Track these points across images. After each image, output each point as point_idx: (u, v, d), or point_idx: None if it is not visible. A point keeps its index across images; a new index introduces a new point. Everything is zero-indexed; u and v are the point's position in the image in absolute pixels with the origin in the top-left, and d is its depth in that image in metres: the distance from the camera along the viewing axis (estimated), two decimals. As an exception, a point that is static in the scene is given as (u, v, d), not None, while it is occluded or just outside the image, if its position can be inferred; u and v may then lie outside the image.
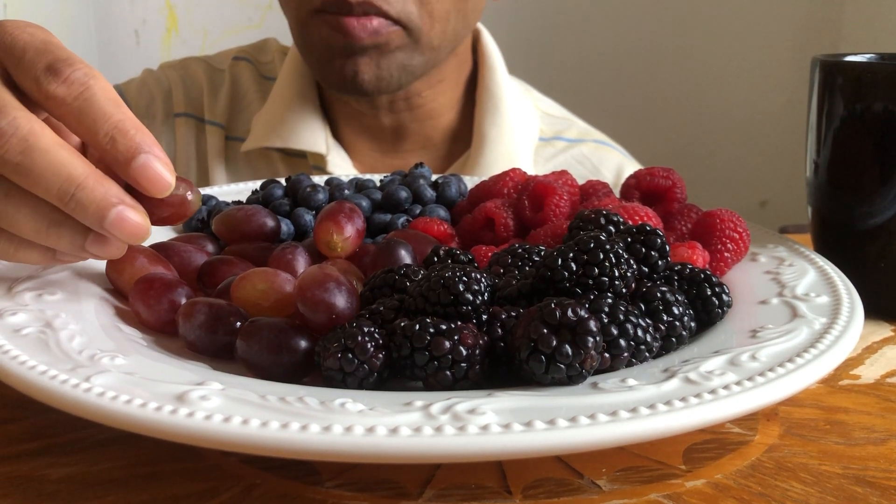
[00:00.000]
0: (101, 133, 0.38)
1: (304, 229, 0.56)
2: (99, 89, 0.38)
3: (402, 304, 0.39)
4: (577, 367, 0.33)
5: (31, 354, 0.34)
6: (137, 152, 0.38)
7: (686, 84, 2.01)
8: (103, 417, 0.31)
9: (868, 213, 0.51)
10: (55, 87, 0.38)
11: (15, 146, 0.37)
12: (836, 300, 0.42)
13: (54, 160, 0.37)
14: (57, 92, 0.38)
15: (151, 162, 0.38)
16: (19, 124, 0.37)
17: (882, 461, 0.36)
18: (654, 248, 0.42)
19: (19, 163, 0.37)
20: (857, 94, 0.51)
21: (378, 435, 0.29)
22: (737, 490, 0.34)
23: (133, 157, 0.38)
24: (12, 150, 0.37)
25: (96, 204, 0.37)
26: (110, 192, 0.38)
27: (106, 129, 0.38)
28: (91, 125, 0.38)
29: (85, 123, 0.38)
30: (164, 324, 0.42)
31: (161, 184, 0.39)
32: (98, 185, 0.37)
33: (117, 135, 0.38)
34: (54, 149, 0.37)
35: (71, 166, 0.37)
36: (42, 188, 0.37)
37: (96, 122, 0.38)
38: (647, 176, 0.55)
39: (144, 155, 0.38)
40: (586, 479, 0.35)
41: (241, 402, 0.31)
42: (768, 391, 0.33)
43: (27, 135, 0.37)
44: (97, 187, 0.37)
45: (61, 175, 0.37)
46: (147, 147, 0.38)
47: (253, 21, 1.96)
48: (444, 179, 0.61)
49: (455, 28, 0.79)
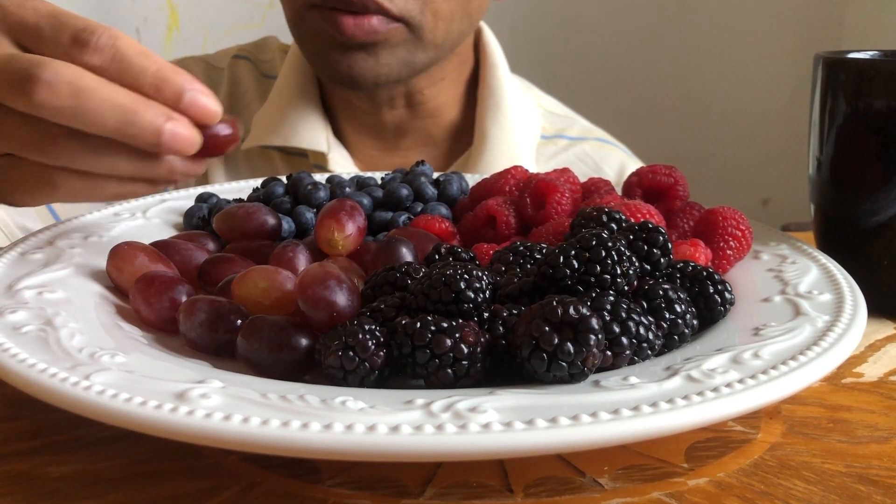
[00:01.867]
0: (145, 85, 0.41)
1: (306, 227, 0.56)
2: (127, 46, 0.41)
3: (404, 302, 0.39)
4: (579, 365, 0.33)
5: (31, 352, 0.34)
6: (182, 91, 0.42)
7: (688, 82, 2.01)
8: (103, 416, 0.30)
9: (871, 210, 0.51)
10: (89, 58, 0.40)
11: (65, 92, 0.39)
12: (839, 298, 0.42)
13: (103, 95, 0.40)
14: (92, 61, 0.40)
15: (197, 96, 0.42)
16: (61, 72, 0.39)
17: (885, 459, 0.36)
18: (657, 245, 0.41)
19: (73, 106, 0.39)
20: (859, 91, 0.50)
21: (379, 433, 0.29)
22: (739, 488, 0.34)
23: (180, 96, 0.42)
24: (64, 97, 0.39)
25: (151, 125, 0.41)
26: (159, 112, 0.41)
27: (149, 80, 0.41)
28: (134, 81, 0.41)
29: (128, 81, 0.41)
30: (165, 322, 0.42)
31: (210, 111, 0.43)
32: (147, 108, 0.41)
33: (160, 83, 0.41)
34: (99, 86, 0.40)
35: (119, 97, 0.40)
36: (100, 124, 0.40)
37: (138, 78, 0.41)
38: (649, 173, 0.54)
39: (189, 92, 0.42)
40: (588, 477, 0.34)
41: (241, 401, 0.31)
42: (771, 389, 0.33)
43: (72, 79, 0.39)
44: (148, 111, 0.41)
45: (114, 107, 0.40)
46: (189, 84, 0.42)
47: (254, 19, 1.96)
48: (446, 177, 0.61)
49: (459, 27, 0.79)
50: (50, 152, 0.42)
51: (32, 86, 0.39)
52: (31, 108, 0.40)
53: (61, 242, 0.49)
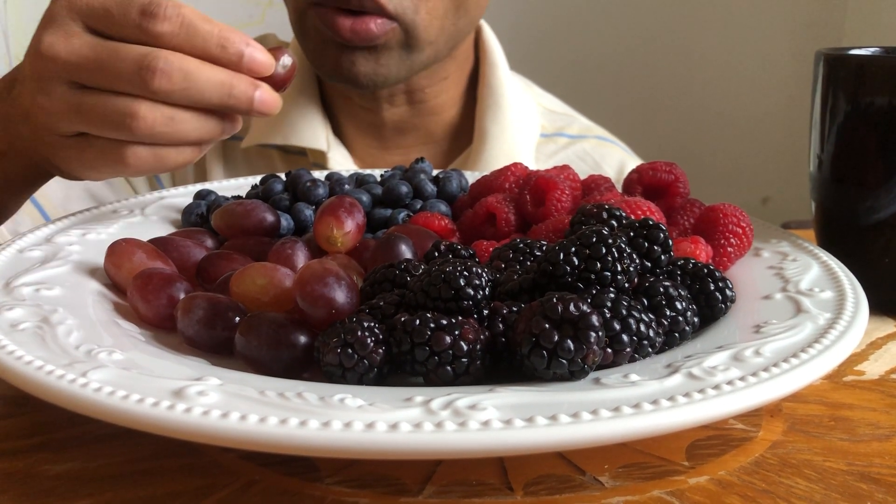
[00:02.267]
0: (212, 47, 0.47)
1: (304, 224, 0.56)
2: (190, 13, 0.47)
3: (403, 299, 0.38)
4: (579, 362, 0.33)
5: (28, 350, 0.34)
6: (242, 51, 0.48)
7: (688, 80, 2.00)
8: (100, 413, 0.30)
9: (872, 208, 0.51)
10: (160, 26, 0.46)
11: (177, 77, 0.46)
12: (841, 295, 0.42)
13: (207, 75, 0.47)
14: (164, 29, 0.46)
15: (254, 53, 0.48)
16: (171, 59, 0.46)
17: (887, 457, 0.36)
18: (657, 242, 0.41)
19: (185, 88, 0.46)
20: (861, 87, 0.50)
21: (378, 431, 0.29)
22: (740, 487, 0.33)
23: (241, 56, 0.48)
24: (177, 80, 0.46)
25: (245, 95, 0.48)
26: (249, 83, 0.48)
27: (214, 42, 0.47)
28: (202, 45, 0.47)
29: (196, 45, 0.47)
30: (163, 319, 0.41)
31: (265, 65, 0.49)
32: (239, 81, 0.48)
33: (224, 43, 0.47)
34: (200, 67, 0.47)
35: (218, 75, 0.47)
36: (206, 100, 0.47)
37: (206, 41, 0.47)
38: (649, 170, 0.54)
39: (248, 49, 0.48)
40: (588, 475, 0.34)
41: (239, 398, 0.31)
42: (772, 387, 0.32)
43: (181, 65, 0.46)
44: (240, 83, 0.48)
45: (216, 84, 0.47)
46: (245, 43, 0.48)
47: (253, 17, 1.96)
48: (445, 174, 0.61)
49: (456, 24, 0.79)
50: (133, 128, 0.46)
51: (151, 74, 0.45)
52: (150, 94, 0.46)
53: (59, 239, 0.49)
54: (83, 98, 0.47)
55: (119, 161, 0.48)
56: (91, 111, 0.47)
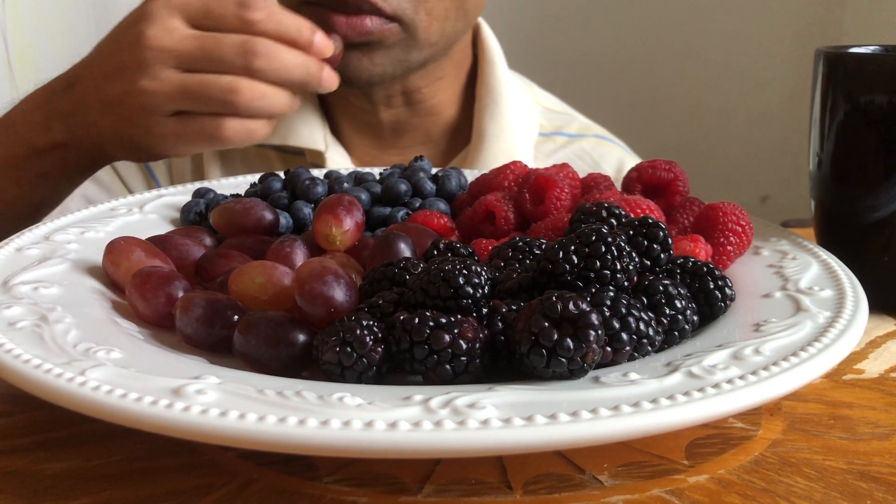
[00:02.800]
0: (292, 31, 0.60)
1: (303, 222, 0.56)
2: (275, 5, 0.59)
3: (402, 298, 0.38)
4: (579, 361, 0.33)
5: (25, 348, 0.34)
6: (312, 37, 0.61)
7: (687, 79, 2.00)
8: (98, 412, 0.30)
9: (872, 206, 0.51)
10: (254, 14, 0.58)
11: (273, 57, 0.58)
12: (840, 294, 0.42)
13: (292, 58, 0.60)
14: (258, 17, 0.58)
15: (321, 38, 0.62)
16: (267, 44, 0.58)
17: (886, 456, 0.36)
18: (657, 241, 0.41)
19: (277, 68, 0.59)
20: (860, 86, 0.50)
21: (377, 429, 0.29)
22: (740, 485, 0.33)
23: (311, 41, 0.61)
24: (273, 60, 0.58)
25: (318, 72, 0.62)
26: (316, 63, 0.62)
27: (294, 29, 0.60)
28: (286, 31, 0.60)
29: (285, 32, 0.60)
30: (161, 317, 0.41)
31: (328, 48, 0.63)
32: (312, 61, 0.61)
33: (301, 30, 0.60)
34: (286, 50, 0.59)
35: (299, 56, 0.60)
36: (291, 78, 0.60)
37: (288, 28, 0.60)
38: (648, 169, 0.54)
39: (316, 36, 0.62)
40: (588, 474, 0.34)
41: (238, 397, 0.31)
42: (772, 386, 0.32)
43: (274, 48, 0.58)
44: (313, 63, 0.61)
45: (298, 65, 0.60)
46: (313, 31, 0.61)
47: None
48: (444, 172, 0.61)
49: (455, 25, 0.78)
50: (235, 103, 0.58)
51: (252, 56, 0.57)
52: (250, 73, 0.57)
53: (57, 238, 0.49)
54: (188, 79, 0.57)
55: (216, 134, 0.59)
56: (197, 90, 0.57)
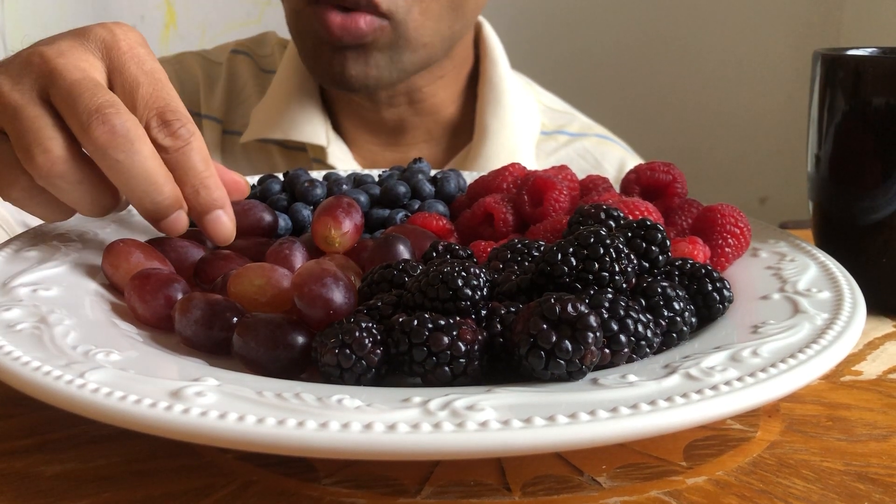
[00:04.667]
0: (189, 184, 0.45)
1: (302, 224, 0.56)
2: (196, 146, 0.45)
3: (401, 300, 0.38)
4: (577, 362, 0.33)
5: (25, 350, 0.34)
6: (213, 208, 0.46)
7: (687, 80, 2.00)
8: (97, 414, 0.30)
9: (870, 208, 0.51)
10: (163, 138, 0.44)
11: (121, 146, 0.42)
12: (838, 296, 0.42)
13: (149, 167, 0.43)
14: (164, 142, 0.44)
15: (222, 217, 0.47)
16: (129, 127, 0.42)
17: (884, 458, 0.36)
18: (655, 242, 0.41)
19: (120, 160, 0.42)
20: (858, 88, 0.50)
21: (375, 431, 0.29)
22: (738, 487, 0.33)
23: (209, 210, 0.46)
24: (118, 150, 0.42)
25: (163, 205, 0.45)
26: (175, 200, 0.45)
27: (194, 182, 0.45)
28: (183, 175, 0.45)
29: (178, 172, 0.45)
30: (160, 319, 0.41)
31: (225, 235, 0.47)
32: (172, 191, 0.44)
33: (201, 189, 0.46)
34: (151, 158, 0.43)
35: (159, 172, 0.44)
36: (129, 187, 0.43)
37: (188, 174, 0.45)
38: (647, 171, 0.54)
39: (219, 211, 0.47)
40: (586, 476, 0.34)
41: (237, 399, 0.31)
42: (770, 387, 0.32)
43: (134, 139, 0.42)
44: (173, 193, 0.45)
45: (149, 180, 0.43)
46: (221, 204, 0.47)
47: (251, 16, 1.96)
48: (443, 174, 0.61)
49: (451, 26, 0.78)
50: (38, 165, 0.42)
51: (100, 123, 0.41)
52: (84, 138, 0.42)
53: (56, 239, 0.49)
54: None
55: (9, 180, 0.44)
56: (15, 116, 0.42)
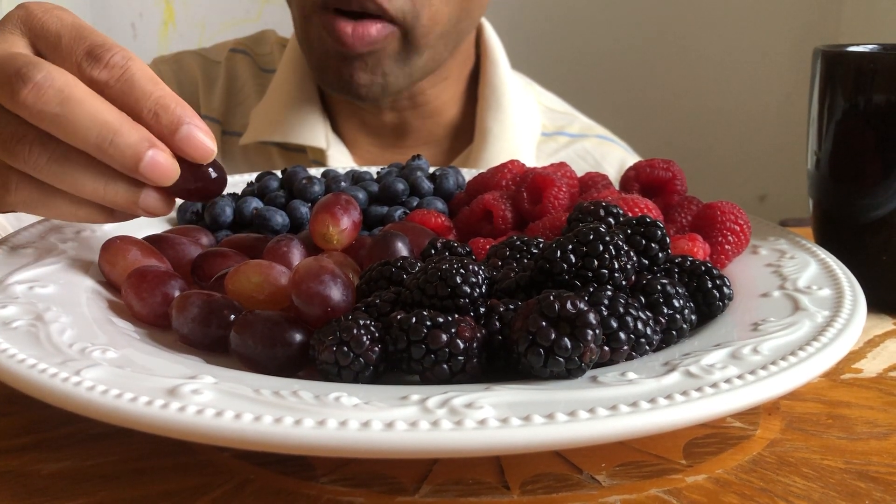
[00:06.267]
0: (144, 110, 0.41)
1: (300, 221, 0.56)
2: (137, 69, 0.41)
3: (399, 297, 0.38)
4: (577, 360, 0.33)
5: (20, 348, 0.34)
6: (180, 124, 0.41)
7: (686, 78, 2.00)
8: (94, 412, 0.30)
9: (870, 205, 0.51)
10: (98, 73, 0.41)
11: (52, 97, 0.39)
12: (839, 293, 0.42)
13: (90, 109, 0.39)
14: (100, 77, 0.41)
15: (193, 131, 0.42)
16: (54, 76, 0.39)
17: (885, 456, 0.36)
18: (655, 240, 0.41)
19: (58, 113, 0.39)
20: (858, 85, 0.50)
21: (373, 429, 0.29)
22: (738, 485, 0.33)
23: (177, 128, 0.41)
24: (51, 102, 0.39)
25: (132, 148, 0.40)
26: (144, 137, 0.40)
27: (149, 105, 0.41)
28: (135, 104, 0.41)
29: (129, 103, 0.41)
30: (158, 317, 0.41)
31: (204, 150, 0.42)
32: (133, 130, 0.40)
33: (160, 110, 0.41)
34: (89, 99, 0.40)
35: (106, 114, 0.40)
36: (81, 137, 0.39)
37: (139, 101, 0.41)
38: (646, 168, 0.54)
39: (186, 126, 0.41)
40: (585, 474, 0.34)
41: (234, 396, 0.31)
42: (770, 385, 0.32)
43: (63, 86, 0.39)
44: (132, 132, 0.40)
45: (98, 122, 0.39)
46: (188, 118, 0.42)
47: (250, 14, 1.95)
48: (442, 171, 0.61)
49: (457, 28, 0.78)
50: (15, 153, 0.40)
51: (21, 84, 0.39)
52: (14, 106, 0.39)
53: (53, 237, 0.49)
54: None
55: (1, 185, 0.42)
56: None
